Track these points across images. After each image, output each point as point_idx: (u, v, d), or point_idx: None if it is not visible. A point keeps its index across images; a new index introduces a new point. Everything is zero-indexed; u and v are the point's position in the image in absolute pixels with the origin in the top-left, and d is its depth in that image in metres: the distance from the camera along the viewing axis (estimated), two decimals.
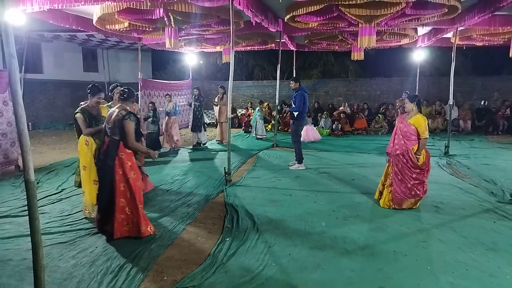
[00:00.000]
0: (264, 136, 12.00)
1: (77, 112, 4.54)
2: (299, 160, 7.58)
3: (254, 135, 12.25)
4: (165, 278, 3.25)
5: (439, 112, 13.70)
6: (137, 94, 8.04)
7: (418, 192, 4.90)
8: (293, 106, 7.46)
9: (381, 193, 5.22)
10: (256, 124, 12.21)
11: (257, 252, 3.72)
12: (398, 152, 4.90)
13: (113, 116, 3.97)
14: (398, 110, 7.88)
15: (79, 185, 4.98)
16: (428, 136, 4.87)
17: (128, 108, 4.07)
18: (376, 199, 5.30)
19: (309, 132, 11.31)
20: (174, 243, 3.95)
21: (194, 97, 10.32)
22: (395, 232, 4.22)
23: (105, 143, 4.02)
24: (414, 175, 4.86)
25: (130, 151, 4.02)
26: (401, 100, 8.06)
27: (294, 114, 7.40)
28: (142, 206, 4.07)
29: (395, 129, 5.07)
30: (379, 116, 13.83)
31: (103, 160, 3.99)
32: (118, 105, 4.11)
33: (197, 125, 10.19)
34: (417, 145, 4.87)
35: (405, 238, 4.07)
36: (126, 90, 4.17)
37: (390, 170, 5.09)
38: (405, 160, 4.86)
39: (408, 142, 4.85)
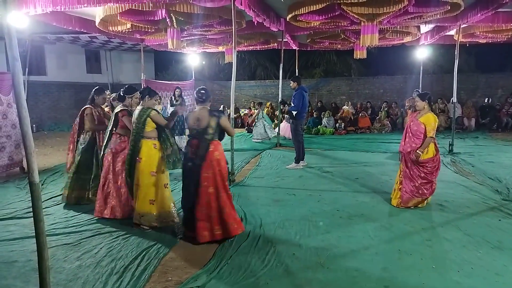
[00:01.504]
0: (264, 139, 11.42)
1: (153, 110, 4.27)
2: (297, 159, 7.59)
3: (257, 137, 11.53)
4: (170, 278, 3.26)
5: (442, 110, 13.65)
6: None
7: (425, 192, 4.86)
8: (292, 105, 7.47)
9: None
10: (259, 126, 11.62)
11: (262, 252, 3.72)
12: (408, 150, 4.88)
13: (202, 118, 3.96)
14: (409, 110, 7.84)
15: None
16: (433, 136, 4.81)
17: (208, 107, 4.07)
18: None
19: (287, 129, 11.26)
20: (178, 244, 3.95)
21: (175, 98, 9.74)
22: (399, 231, 4.21)
23: (194, 145, 3.98)
24: (422, 174, 4.84)
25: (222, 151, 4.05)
26: (411, 100, 7.95)
27: (292, 113, 7.42)
28: (228, 208, 3.95)
29: (406, 127, 5.06)
30: (381, 112, 13.83)
31: (192, 161, 3.95)
32: (200, 107, 4.06)
33: (174, 128, 9.37)
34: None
35: (409, 237, 4.06)
36: (203, 91, 4.11)
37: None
38: (410, 158, 4.86)
39: (417, 140, 4.82)
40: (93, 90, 5.48)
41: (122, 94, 4.83)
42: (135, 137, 4.23)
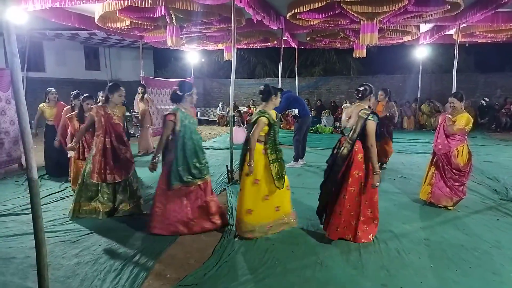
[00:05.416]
0: None
1: (263, 116, 3.87)
2: (296, 158, 7.60)
3: None
4: (168, 276, 3.26)
5: (437, 110, 13.64)
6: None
7: (458, 193, 4.83)
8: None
9: None
10: None
11: (260, 250, 3.72)
12: (442, 152, 4.85)
13: (355, 116, 3.76)
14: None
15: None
16: (456, 130, 4.67)
17: (367, 106, 3.82)
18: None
19: (238, 134, 10.94)
20: (177, 241, 3.95)
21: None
22: (398, 229, 4.21)
23: (341, 142, 3.87)
24: (454, 176, 4.81)
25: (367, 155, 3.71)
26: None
27: (296, 114, 7.49)
28: (370, 210, 3.82)
29: (438, 127, 5.00)
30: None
31: (338, 159, 3.78)
32: (357, 104, 3.85)
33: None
34: (462, 145, 4.79)
35: (408, 235, 4.06)
36: (361, 89, 3.81)
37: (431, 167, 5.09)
38: (446, 161, 4.82)
39: (452, 141, 4.78)
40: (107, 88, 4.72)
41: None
42: (247, 138, 3.90)
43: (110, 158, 4.56)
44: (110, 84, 4.76)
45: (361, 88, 3.84)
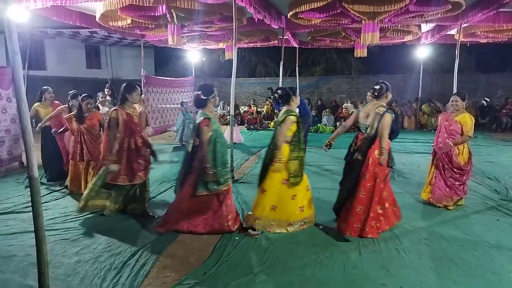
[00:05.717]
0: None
1: (291, 115, 3.95)
2: None
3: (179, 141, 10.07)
4: (168, 274, 3.26)
5: (438, 110, 13.61)
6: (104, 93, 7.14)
7: (458, 192, 4.85)
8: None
9: None
10: (182, 129, 10.01)
11: (260, 249, 3.73)
12: (443, 150, 4.86)
13: (372, 113, 3.84)
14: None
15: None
16: (472, 136, 4.77)
17: (384, 104, 3.89)
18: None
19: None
20: (177, 240, 3.96)
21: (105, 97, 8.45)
22: (398, 229, 4.21)
23: (358, 139, 3.97)
24: (455, 175, 4.82)
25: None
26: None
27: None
28: (379, 207, 3.90)
29: (439, 126, 5.03)
30: None
31: (356, 156, 3.90)
32: (374, 102, 3.92)
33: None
34: (462, 144, 4.81)
35: (408, 235, 4.07)
36: (377, 87, 3.91)
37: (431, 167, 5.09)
38: (447, 160, 4.84)
39: (452, 139, 4.80)
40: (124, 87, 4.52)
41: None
42: (274, 139, 4.02)
43: (133, 159, 4.44)
44: (125, 84, 4.57)
45: (377, 87, 3.90)
